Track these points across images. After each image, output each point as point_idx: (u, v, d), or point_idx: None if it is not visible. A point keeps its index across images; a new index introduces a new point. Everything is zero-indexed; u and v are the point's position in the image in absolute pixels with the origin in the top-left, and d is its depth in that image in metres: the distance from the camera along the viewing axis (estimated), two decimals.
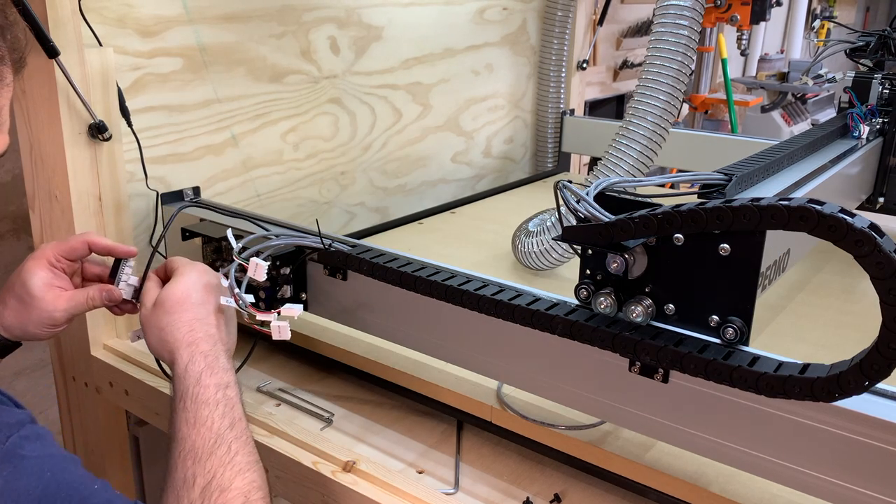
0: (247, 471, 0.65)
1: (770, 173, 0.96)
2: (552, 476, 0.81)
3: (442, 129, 1.68)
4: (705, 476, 0.73)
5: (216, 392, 0.70)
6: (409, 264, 0.82)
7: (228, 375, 0.72)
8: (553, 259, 1.21)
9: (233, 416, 0.69)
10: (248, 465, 0.66)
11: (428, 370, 0.90)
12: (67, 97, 0.94)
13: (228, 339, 0.78)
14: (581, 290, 0.70)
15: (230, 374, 0.72)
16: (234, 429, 0.68)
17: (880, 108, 1.38)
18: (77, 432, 1.17)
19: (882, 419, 0.56)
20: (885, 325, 0.51)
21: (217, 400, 0.69)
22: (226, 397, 0.70)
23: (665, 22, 1.11)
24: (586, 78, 2.09)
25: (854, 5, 6.48)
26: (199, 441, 0.66)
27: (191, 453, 0.65)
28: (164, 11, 1.10)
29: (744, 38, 2.63)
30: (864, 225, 0.51)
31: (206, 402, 0.69)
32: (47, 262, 0.80)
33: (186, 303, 0.75)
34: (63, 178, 0.97)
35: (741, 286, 0.62)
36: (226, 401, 0.70)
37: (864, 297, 1.19)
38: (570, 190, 0.69)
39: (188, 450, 0.65)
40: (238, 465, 0.65)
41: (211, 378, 0.70)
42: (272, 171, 1.32)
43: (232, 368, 0.73)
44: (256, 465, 0.67)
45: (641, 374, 0.67)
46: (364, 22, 1.43)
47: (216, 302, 0.78)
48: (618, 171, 1.15)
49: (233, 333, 0.80)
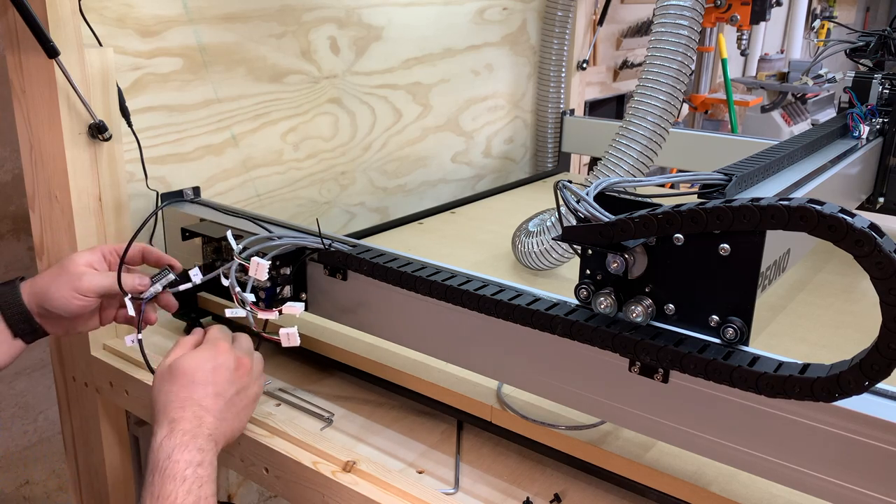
0: None
1: (770, 173, 0.96)
2: (552, 476, 0.81)
3: (442, 129, 1.68)
4: (705, 476, 0.73)
5: (185, 468, 0.69)
6: (409, 264, 0.82)
7: (203, 455, 0.71)
8: (553, 259, 1.21)
9: (199, 494, 0.68)
10: None
11: (428, 370, 0.90)
12: (67, 97, 0.94)
13: (225, 425, 0.77)
14: (581, 290, 0.70)
15: (206, 455, 0.71)
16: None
17: (880, 108, 1.38)
18: (77, 432, 1.17)
19: (882, 419, 0.56)
20: (885, 325, 0.51)
21: (185, 476, 0.68)
22: (195, 474, 0.69)
23: (665, 22, 1.11)
24: (586, 78, 2.09)
25: (854, 5, 6.49)
26: None
27: None
28: (164, 11, 1.10)
29: (744, 38, 2.64)
30: (864, 225, 0.51)
31: (173, 478, 0.68)
32: (100, 252, 0.87)
33: (187, 379, 0.76)
34: (63, 178, 0.97)
35: (741, 286, 0.62)
36: (195, 478, 0.68)
37: (864, 297, 1.19)
38: (570, 190, 0.69)
39: None
40: None
41: (183, 454, 0.70)
42: (272, 171, 1.32)
43: (212, 451, 0.72)
44: None
45: (641, 374, 0.67)
46: (364, 22, 1.43)
47: (225, 385, 0.77)
48: (618, 171, 1.15)
49: (238, 420, 0.79)
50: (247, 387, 0.80)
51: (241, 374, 0.80)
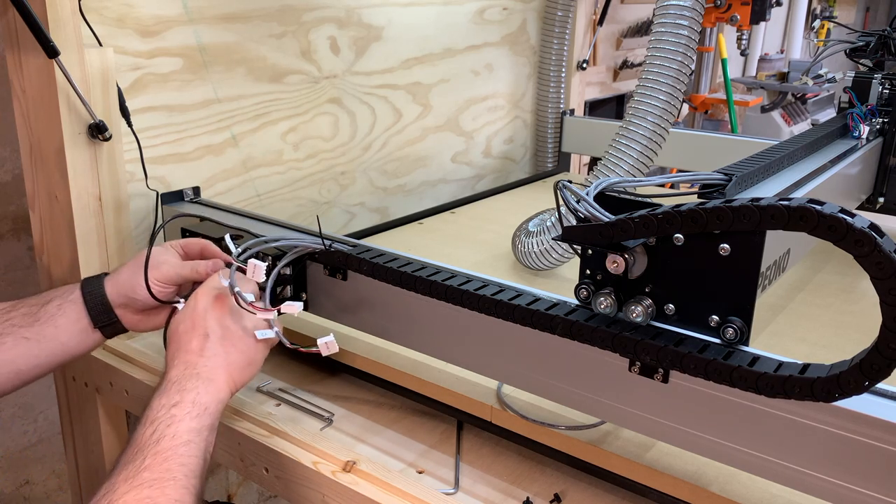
0: (147, 487, 0.61)
1: (770, 173, 0.96)
2: (552, 476, 0.81)
3: (442, 129, 1.68)
4: (705, 476, 0.73)
5: (158, 411, 0.69)
6: (409, 264, 0.82)
7: (182, 395, 0.71)
8: (553, 259, 1.21)
9: (164, 431, 0.67)
10: (152, 482, 0.62)
11: (428, 370, 0.90)
12: (67, 97, 0.94)
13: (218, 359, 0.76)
14: (581, 290, 0.70)
15: (188, 394, 0.71)
16: (159, 443, 0.66)
17: (880, 108, 1.38)
18: (77, 432, 1.17)
19: (882, 419, 0.56)
20: (885, 325, 0.51)
21: (155, 417, 0.68)
22: (168, 415, 0.68)
23: (665, 22, 1.11)
24: (586, 78, 2.09)
25: (854, 5, 6.49)
26: (123, 458, 0.65)
27: (116, 466, 0.65)
28: (164, 11, 1.10)
29: (744, 38, 2.64)
30: (864, 225, 0.51)
31: (146, 421, 0.68)
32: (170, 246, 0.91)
33: (175, 336, 0.78)
34: (63, 178, 0.97)
35: (741, 286, 0.62)
36: (166, 417, 0.68)
37: (864, 297, 1.19)
38: (570, 190, 0.69)
39: (117, 464, 0.65)
40: (139, 480, 0.62)
41: (160, 399, 0.70)
42: (272, 171, 1.32)
43: (198, 389, 0.72)
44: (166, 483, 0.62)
45: (641, 374, 0.67)
46: (364, 22, 1.43)
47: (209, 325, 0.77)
48: (618, 171, 1.15)
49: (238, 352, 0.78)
50: (238, 320, 0.79)
51: (223, 311, 0.79)
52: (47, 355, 0.85)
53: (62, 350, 0.86)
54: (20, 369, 0.83)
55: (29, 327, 0.84)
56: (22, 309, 0.85)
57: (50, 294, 0.88)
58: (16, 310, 0.85)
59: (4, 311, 0.85)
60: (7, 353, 0.82)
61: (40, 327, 0.84)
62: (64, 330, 0.85)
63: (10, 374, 0.83)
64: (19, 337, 0.83)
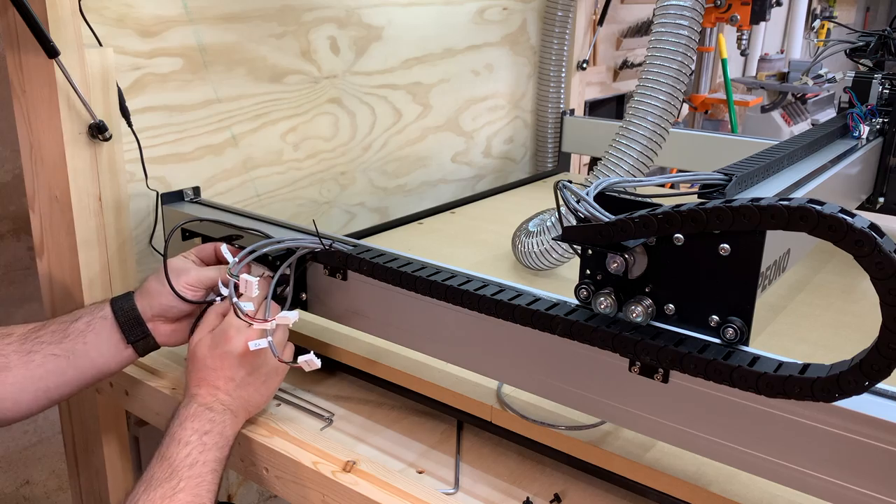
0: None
1: (770, 173, 0.96)
2: (552, 476, 0.81)
3: (442, 129, 1.68)
4: (705, 476, 0.73)
5: (191, 434, 0.72)
6: (409, 264, 0.82)
7: (213, 426, 0.75)
8: (553, 259, 1.21)
9: (197, 458, 0.70)
10: None
11: (428, 370, 0.90)
12: (67, 97, 0.94)
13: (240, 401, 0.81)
14: (581, 290, 0.70)
15: (216, 426, 0.75)
16: (192, 468, 0.69)
17: (880, 108, 1.38)
18: (77, 432, 1.17)
19: (882, 419, 0.56)
20: (885, 325, 0.51)
21: (189, 441, 0.72)
22: (200, 441, 0.72)
23: (665, 22, 1.10)
24: (586, 78, 2.09)
25: (854, 5, 6.49)
26: (157, 473, 0.69)
27: (145, 482, 0.68)
28: (164, 11, 1.10)
29: (744, 38, 2.64)
30: (864, 225, 0.51)
31: (178, 441, 0.71)
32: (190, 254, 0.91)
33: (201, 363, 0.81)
34: (63, 178, 0.97)
35: (741, 286, 0.62)
36: (198, 443, 0.72)
37: (864, 297, 1.19)
38: (570, 190, 0.69)
39: (146, 479, 0.68)
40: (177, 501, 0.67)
41: (193, 423, 0.74)
42: (272, 171, 1.32)
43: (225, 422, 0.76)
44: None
45: (641, 374, 0.67)
46: (364, 22, 1.43)
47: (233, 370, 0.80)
48: (618, 171, 1.15)
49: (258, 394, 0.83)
50: (257, 367, 0.82)
51: (250, 358, 0.81)
52: (76, 372, 0.83)
53: (91, 366, 0.84)
54: (48, 387, 0.82)
55: (58, 344, 0.82)
56: (51, 327, 0.84)
57: (79, 312, 0.86)
58: (45, 328, 0.84)
59: (34, 330, 0.84)
60: (35, 370, 0.81)
61: (69, 344, 0.83)
62: (94, 346, 0.84)
63: (39, 393, 0.81)
64: (48, 354, 0.82)
